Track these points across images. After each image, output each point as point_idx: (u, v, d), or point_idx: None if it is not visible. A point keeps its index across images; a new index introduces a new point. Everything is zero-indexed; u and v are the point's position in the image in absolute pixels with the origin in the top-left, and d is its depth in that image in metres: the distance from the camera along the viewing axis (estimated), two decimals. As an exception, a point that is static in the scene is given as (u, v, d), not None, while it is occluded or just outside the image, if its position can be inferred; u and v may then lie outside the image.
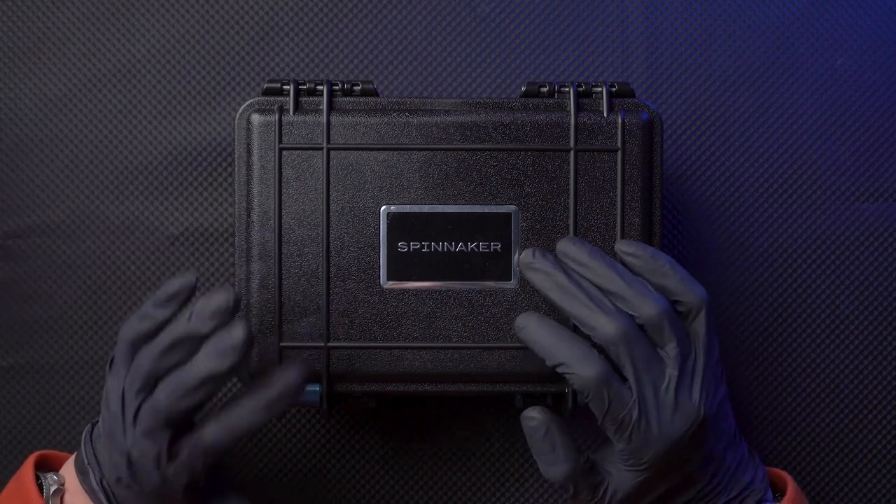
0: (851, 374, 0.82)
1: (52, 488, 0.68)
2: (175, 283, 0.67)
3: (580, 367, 0.65)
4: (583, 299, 0.65)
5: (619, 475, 0.67)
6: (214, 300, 0.65)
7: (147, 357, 0.65)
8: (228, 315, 0.65)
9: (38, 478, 0.69)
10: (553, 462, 0.67)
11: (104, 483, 0.67)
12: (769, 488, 0.71)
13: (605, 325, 0.64)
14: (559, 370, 0.66)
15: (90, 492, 0.67)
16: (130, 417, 0.65)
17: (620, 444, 0.66)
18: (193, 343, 0.65)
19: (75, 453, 0.69)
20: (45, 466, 0.71)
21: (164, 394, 0.65)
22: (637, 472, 0.67)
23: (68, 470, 0.69)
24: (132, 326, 0.67)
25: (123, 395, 0.66)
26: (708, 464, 0.68)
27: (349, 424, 0.81)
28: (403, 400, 0.80)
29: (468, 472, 0.81)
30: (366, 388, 0.70)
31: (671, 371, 0.65)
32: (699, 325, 0.66)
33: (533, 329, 0.67)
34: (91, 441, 0.69)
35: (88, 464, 0.68)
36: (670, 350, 0.65)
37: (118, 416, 0.66)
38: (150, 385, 0.65)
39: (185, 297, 0.66)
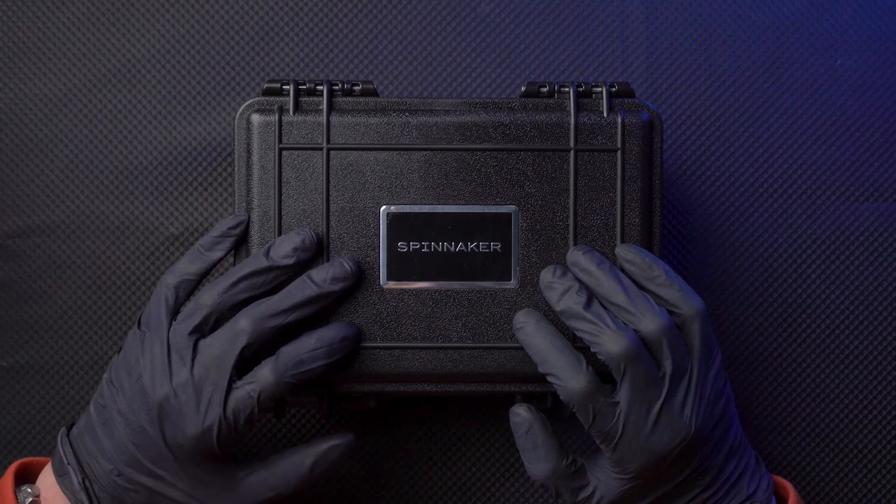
0: (851, 375, 0.82)
1: (28, 500, 0.67)
2: (227, 222, 0.68)
3: (567, 380, 0.65)
4: (590, 318, 0.65)
5: (608, 481, 0.67)
6: (293, 238, 0.67)
7: (211, 293, 0.65)
8: (310, 252, 0.67)
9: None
10: (534, 460, 0.68)
11: (86, 483, 0.67)
12: (773, 496, 0.70)
13: (608, 343, 0.64)
14: (548, 378, 0.66)
15: (69, 493, 0.67)
16: (178, 359, 0.65)
17: (607, 452, 0.66)
18: (269, 278, 0.66)
19: (52, 457, 0.69)
20: (27, 473, 0.70)
21: (248, 317, 0.65)
22: (623, 479, 0.67)
23: (45, 476, 0.69)
24: (179, 269, 0.67)
25: (168, 339, 0.65)
26: (704, 473, 0.67)
27: (349, 424, 0.81)
28: (403, 400, 0.80)
29: (468, 471, 0.81)
30: (366, 388, 0.70)
31: (665, 389, 0.65)
32: (694, 337, 0.66)
33: (530, 332, 0.67)
34: (70, 441, 0.68)
35: (68, 464, 0.67)
36: (666, 367, 0.65)
37: (159, 363, 0.65)
38: (208, 324, 0.65)
39: (239, 237, 0.68)
